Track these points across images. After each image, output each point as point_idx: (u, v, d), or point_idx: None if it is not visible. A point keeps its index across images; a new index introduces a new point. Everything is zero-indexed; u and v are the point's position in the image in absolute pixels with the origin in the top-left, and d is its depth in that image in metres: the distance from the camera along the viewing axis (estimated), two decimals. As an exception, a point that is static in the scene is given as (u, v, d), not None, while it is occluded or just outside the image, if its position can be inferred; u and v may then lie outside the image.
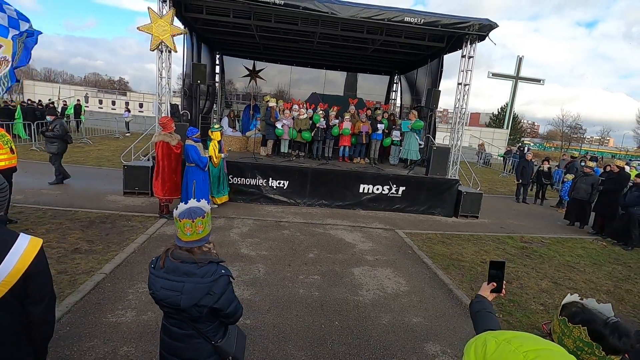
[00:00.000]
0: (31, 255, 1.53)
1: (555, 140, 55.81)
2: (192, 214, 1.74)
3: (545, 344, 0.88)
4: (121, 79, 65.51)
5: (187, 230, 1.73)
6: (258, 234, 6.13)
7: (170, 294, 1.70)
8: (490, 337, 0.94)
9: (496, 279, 1.63)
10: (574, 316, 1.08)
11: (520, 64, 32.65)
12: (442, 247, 6.37)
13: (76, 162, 11.21)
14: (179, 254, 1.76)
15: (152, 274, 1.78)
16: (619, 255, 6.95)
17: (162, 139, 6.28)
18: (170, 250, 1.78)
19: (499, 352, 0.88)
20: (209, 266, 1.76)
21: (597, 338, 1.03)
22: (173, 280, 1.71)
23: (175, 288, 1.70)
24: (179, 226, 1.74)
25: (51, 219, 5.79)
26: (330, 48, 11.06)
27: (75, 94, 28.49)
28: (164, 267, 1.75)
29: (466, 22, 7.95)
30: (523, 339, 0.89)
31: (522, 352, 0.84)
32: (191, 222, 1.72)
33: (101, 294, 3.78)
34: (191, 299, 1.68)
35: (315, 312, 3.83)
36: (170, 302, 1.71)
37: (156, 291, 1.73)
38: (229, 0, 7.48)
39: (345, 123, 9.59)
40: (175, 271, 1.73)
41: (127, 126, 20.90)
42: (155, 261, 1.81)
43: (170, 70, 8.05)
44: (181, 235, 1.75)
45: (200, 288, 1.70)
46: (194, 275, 1.71)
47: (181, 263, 1.73)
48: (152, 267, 1.80)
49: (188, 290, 1.69)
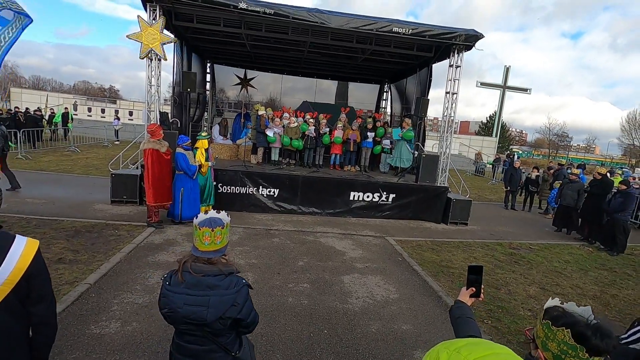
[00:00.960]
0: (30, 254, 1.55)
1: (542, 148, 56.88)
2: (212, 222, 1.72)
3: (492, 349, 0.90)
4: (111, 86, 65.04)
5: (205, 240, 1.70)
6: (248, 242, 6.08)
7: (195, 309, 1.64)
8: (443, 348, 0.97)
9: (475, 284, 1.64)
10: (557, 319, 1.09)
11: (508, 73, 33.39)
12: (432, 254, 6.40)
13: (63, 170, 11.04)
14: (200, 267, 1.70)
15: (170, 290, 1.69)
16: (604, 260, 7.06)
17: (152, 146, 6.23)
18: (188, 264, 1.71)
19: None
20: (231, 277, 1.73)
21: (581, 340, 1.03)
22: (196, 295, 1.66)
23: (201, 303, 1.65)
24: (197, 235, 1.71)
25: (35, 229, 5.67)
26: (320, 57, 11.18)
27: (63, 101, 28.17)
28: (183, 282, 1.68)
29: (453, 32, 8.12)
30: (472, 346, 0.92)
31: (470, 359, 0.88)
32: (210, 231, 1.70)
33: (85, 305, 3.69)
34: (217, 312, 1.65)
35: (304, 321, 3.79)
36: (196, 318, 1.65)
37: (178, 308, 1.65)
38: (220, 10, 7.53)
39: (337, 131, 9.65)
40: (198, 285, 1.67)
41: (117, 134, 20.69)
42: (170, 277, 1.73)
43: (160, 78, 8.04)
44: (199, 245, 1.71)
45: (226, 300, 1.67)
46: (218, 288, 1.68)
47: (203, 277, 1.68)
48: (168, 283, 1.71)
49: (214, 303, 1.65)
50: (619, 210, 7.44)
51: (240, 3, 7.24)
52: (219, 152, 10.17)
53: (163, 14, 7.66)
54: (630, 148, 44.56)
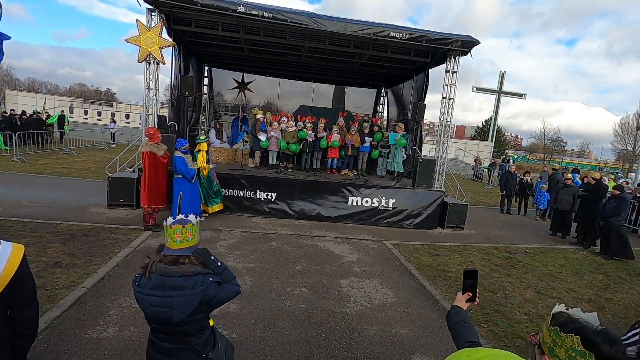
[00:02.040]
0: (17, 261, 1.53)
1: (538, 152, 57.36)
2: (182, 221, 1.76)
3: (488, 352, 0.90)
4: (108, 89, 64.83)
5: (177, 237, 1.72)
6: (245, 246, 6.08)
7: (160, 310, 1.66)
8: (464, 356, 0.97)
9: (471, 289, 1.64)
10: (566, 325, 1.07)
11: (503, 79, 33.74)
12: (428, 258, 6.43)
13: (59, 173, 10.98)
14: (164, 268, 1.71)
15: (138, 291, 1.72)
16: (599, 264, 7.13)
17: (149, 149, 6.23)
18: (154, 266, 1.72)
19: None
20: (196, 277, 1.72)
21: (590, 346, 1.02)
22: (162, 296, 1.67)
23: (166, 304, 1.65)
24: (169, 234, 1.73)
25: (31, 232, 5.63)
26: (318, 61, 11.24)
27: (59, 104, 28.04)
28: (150, 281, 1.71)
29: (449, 38, 8.21)
30: (496, 357, 0.92)
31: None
32: (181, 227, 1.72)
33: (82, 309, 3.67)
34: (183, 313, 1.66)
35: (302, 325, 3.80)
36: (162, 319, 1.67)
37: (144, 309, 1.69)
38: (218, 14, 7.56)
39: (334, 135, 9.68)
40: (163, 286, 1.68)
41: (113, 137, 20.61)
42: (139, 278, 1.75)
43: (158, 82, 8.04)
44: (171, 244, 1.73)
45: (191, 300, 1.67)
46: (183, 289, 1.68)
47: (167, 277, 1.68)
48: (137, 284, 1.74)
49: (179, 304, 1.66)
50: (613, 215, 7.52)
51: (239, 7, 7.28)
52: (217, 156, 10.17)
53: (162, 18, 7.68)
54: (623, 153, 45.05)
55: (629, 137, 41.68)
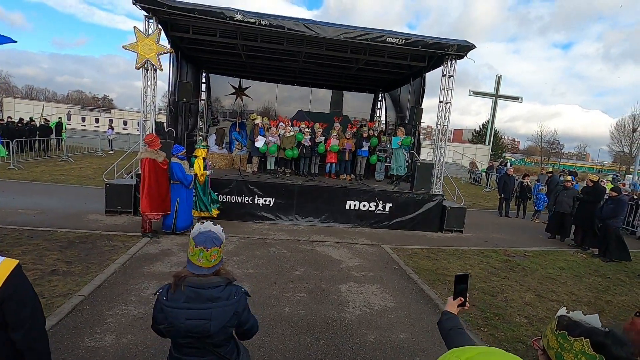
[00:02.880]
0: (2, 276, 1.42)
1: (535, 155, 57.61)
2: (207, 241, 1.68)
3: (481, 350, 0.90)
4: (105, 96, 64.86)
5: (200, 258, 1.67)
6: (244, 251, 6.06)
7: (197, 323, 1.62)
8: (454, 356, 0.96)
9: (463, 294, 1.60)
10: (573, 329, 1.05)
11: (500, 82, 33.93)
12: (428, 262, 6.41)
13: (57, 180, 10.94)
14: (197, 280, 1.68)
15: (168, 306, 1.65)
16: (598, 267, 7.13)
17: (149, 155, 6.20)
18: (184, 278, 1.68)
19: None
20: (229, 287, 1.73)
21: (600, 349, 0.99)
22: (197, 308, 1.64)
23: (203, 316, 1.63)
24: (194, 252, 1.67)
25: (28, 240, 5.59)
26: (315, 67, 11.30)
27: (57, 111, 28.01)
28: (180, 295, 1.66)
29: (445, 42, 8.27)
30: (484, 356, 0.91)
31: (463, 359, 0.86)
32: (205, 250, 1.67)
33: (79, 318, 3.64)
34: (220, 323, 1.65)
35: (301, 331, 3.77)
36: (199, 332, 1.63)
37: (180, 324, 1.62)
38: (216, 21, 7.61)
39: (332, 140, 9.70)
40: (198, 299, 1.65)
41: (111, 144, 20.59)
42: (166, 292, 1.69)
43: (155, 88, 8.06)
44: (194, 260, 1.68)
45: (228, 310, 1.68)
46: (219, 300, 1.67)
47: (202, 289, 1.66)
48: (165, 299, 1.67)
49: (217, 315, 1.65)
50: (611, 217, 7.54)
51: (237, 15, 7.33)
52: (215, 162, 10.17)
53: (159, 25, 7.72)
54: (620, 155, 45.29)
55: (625, 139, 41.91)
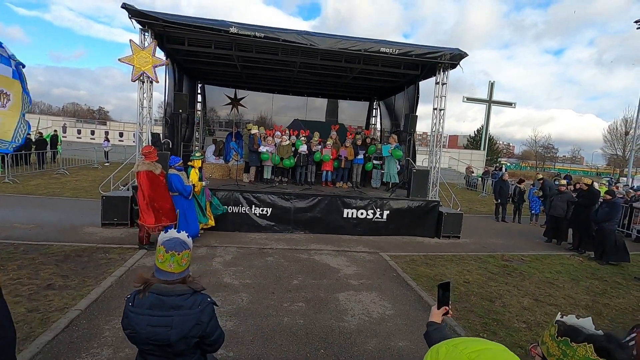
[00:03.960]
0: None
1: (530, 160, 58.07)
2: (177, 245, 1.71)
3: (487, 344, 0.96)
4: (101, 108, 64.94)
5: (171, 264, 1.69)
6: (241, 262, 6.04)
7: (158, 330, 1.63)
8: (442, 344, 1.03)
9: (447, 302, 1.59)
10: (576, 335, 1.05)
11: (493, 88, 34.38)
12: (425, 268, 6.42)
13: (52, 193, 10.88)
14: (163, 287, 1.69)
15: (132, 312, 1.67)
16: (595, 270, 7.16)
17: (147, 168, 6.10)
18: (151, 284, 1.70)
19: (448, 356, 0.97)
20: (195, 296, 1.72)
21: (603, 354, 1.00)
22: (160, 315, 1.65)
23: (164, 323, 1.64)
24: (165, 258, 1.69)
25: (23, 254, 5.55)
26: (310, 76, 11.42)
27: (52, 124, 27.99)
28: (145, 300, 1.67)
29: (438, 51, 8.41)
30: (468, 342, 0.98)
31: (466, 353, 0.93)
32: (177, 254, 1.69)
33: (75, 332, 3.60)
34: (181, 332, 1.65)
35: (300, 341, 3.76)
36: (159, 339, 1.64)
37: (140, 330, 1.64)
38: (211, 33, 7.70)
39: (325, 149, 9.75)
40: (161, 306, 1.66)
41: (107, 156, 20.55)
42: (133, 298, 1.71)
43: (151, 100, 8.10)
44: (164, 267, 1.70)
45: (190, 319, 1.67)
46: (182, 308, 1.67)
47: (166, 297, 1.67)
48: (131, 304, 1.69)
49: (178, 323, 1.64)
50: (606, 220, 7.60)
51: (231, 28, 7.42)
52: (212, 172, 10.18)
53: (155, 38, 7.79)
54: (613, 158, 45.76)
55: (618, 142, 42.43)
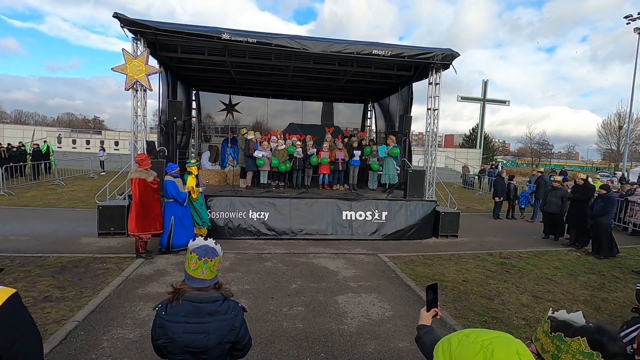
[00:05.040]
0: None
1: (525, 157, 58.38)
2: (208, 252, 1.74)
3: (496, 334, 1.00)
4: (96, 117, 64.76)
5: (203, 270, 1.72)
6: (239, 267, 6.02)
7: (196, 337, 1.65)
8: (453, 335, 1.06)
9: (435, 304, 1.59)
10: (568, 329, 1.07)
11: (486, 87, 34.62)
12: (424, 268, 6.43)
13: (48, 205, 10.83)
14: (197, 294, 1.71)
15: (168, 320, 1.67)
16: (592, 265, 7.20)
17: (139, 175, 6.19)
18: (184, 292, 1.71)
19: (460, 345, 1.00)
20: (228, 302, 1.76)
21: (597, 347, 1.02)
22: (197, 322, 1.66)
23: (201, 330, 1.66)
24: (198, 265, 1.71)
25: (19, 267, 5.51)
26: (304, 80, 11.45)
27: (46, 134, 27.84)
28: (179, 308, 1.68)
29: (430, 52, 8.46)
30: (479, 332, 1.02)
31: (479, 342, 0.96)
32: (209, 260, 1.72)
33: (73, 344, 3.58)
34: (218, 338, 1.67)
35: (300, 345, 3.75)
36: (197, 346, 1.65)
37: (178, 338, 1.64)
38: (203, 39, 7.72)
39: (323, 152, 9.77)
40: (197, 313, 1.68)
41: (102, 165, 20.48)
42: (165, 307, 1.71)
43: (145, 108, 8.10)
44: (196, 274, 1.72)
45: (226, 325, 1.70)
46: (217, 314, 1.70)
47: (201, 304, 1.69)
48: (164, 313, 1.69)
49: (214, 329, 1.67)
50: (602, 215, 7.64)
51: (223, 34, 7.44)
52: (208, 178, 10.16)
53: (147, 46, 7.80)
54: (608, 152, 46.08)
55: (612, 136, 42.74)
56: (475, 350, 0.94)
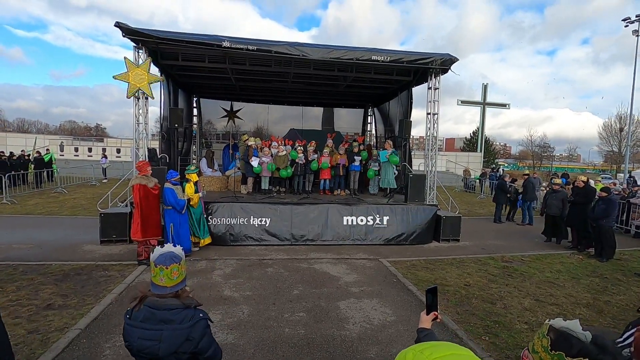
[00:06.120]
0: None
1: (527, 159, 58.29)
2: (166, 260, 1.74)
3: (453, 350, 0.95)
4: (98, 125, 65.17)
5: (161, 277, 1.73)
6: (241, 274, 6.03)
7: (147, 343, 1.65)
8: (410, 349, 1.01)
9: (435, 307, 1.59)
10: (569, 348, 1.03)
11: (486, 90, 34.73)
12: (426, 273, 6.42)
13: (51, 212, 10.87)
14: (155, 301, 1.72)
15: (128, 324, 1.72)
16: (595, 267, 7.17)
17: (139, 181, 6.26)
18: (146, 297, 1.75)
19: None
20: (187, 311, 1.73)
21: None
22: (150, 329, 1.67)
23: (153, 337, 1.65)
24: (155, 272, 1.74)
25: (22, 275, 5.53)
26: (304, 86, 11.52)
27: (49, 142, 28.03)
28: (140, 313, 1.71)
29: (429, 57, 8.51)
30: (435, 347, 0.97)
31: (432, 359, 0.92)
32: (165, 268, 1.73)
33: (76, 352, 3.59)
34: (170, 347, 1.65)
35: (301, 351, 3.75)
36: (148, 353, 1.66)
37: (133, 342, 1.68)
38: (204, 47, 7.80)
39: (324, 157, 9.79)
40: (152, 319, 1.68)
41: (105, 173, 20.56)
42: (131, 311, 1.76)
43: (147, 116, 8.16)
44: (156, 280, 1.75)
45: (179, 334, 1.67)
46: (172, 322, 1.68)
47: (157, 310, 1.69)
48: (128, 317, 1.75)
49: (166, 338, 1.65)
50: (603, 217, 7.63)
51: (224, 42, 7.52)
52: (209, 184, 10.20)
53: (149, 55, 7.89)
54: (610, 154, 45.97)
55: (613, 138, 42.66)
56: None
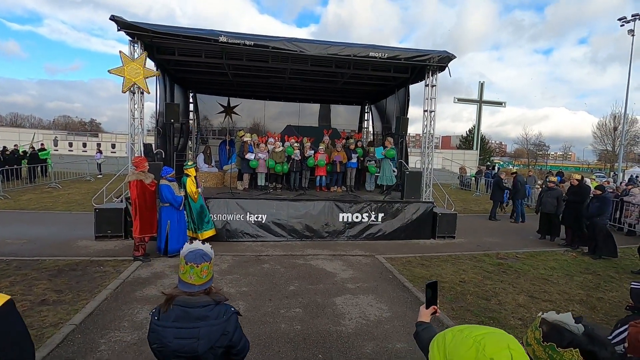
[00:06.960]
0: None
1: (522, 158, 58.72)
2: (197, 258, 1.73)
3: (489, 329, 1.02)
4: (92, 120, 64.59)
5: (191, 275, 1.71)
6: (237, 270, 6.02)
7: (185, 342, 1.64)
8: (448, 331, 1.08)
9: (435, 301, 1.60)
10: (561, 340, 1.08)
11: (483, 88, 34.84)
12: (422, 269, 6.45)
13: (44, 207, 10.77)
14: (187, 299, 1.71)
15: (159, 325, 1.67)
16: (588, 264, 7.25)
17: (136, 177, 6.19)
18: (175, 297, 1.72)
19: (454, 340, 1.02)
20: (219, 307, 1.74)
21: (589, 357, 1.03)
22: (186, 327, 1.66)
23: (191, 335, 1.65)
24: (185, 269, 1.72)
25: (16, 270, 5.48)
26: (302, 82, 11.48)
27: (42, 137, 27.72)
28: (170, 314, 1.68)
29: (426, 54, 8.51)
30: (472, 327, 1.05)
31: (472, 337, 0.98)
32: (196, 266, 1.71)
33: (70, 347, 3.57)
34: (208, 343, 1.66)
35: (297, 347, 3.75)
36: (187, 351, 1.64)
37: (168, 343, 1.64)
38: (200, 42, 7.73)
39: (320, 154, 9.78)
40: (187, 318, 1.67)
41: (99, 168, 20.40)
42: (158, 312, 1.72)
43: (143, 111, 8.09)
44: (185, 278, 1.72)
45: (216, 330, 1.68)
46: (208, 318, 1.69)
47: (191, 308, 1.69)
48: (157, 318, 1.70)
49: (204, 334, 1.66)
50: (597, 215, 7.70)
51: (220, 37, 7.46)
52: (205, 180, 10.15)
53: (145, 49, 7.80)
54: (604, 153, 46.42)
55: (607, 137, 43.08)
56: (468, 345, 0.96)
